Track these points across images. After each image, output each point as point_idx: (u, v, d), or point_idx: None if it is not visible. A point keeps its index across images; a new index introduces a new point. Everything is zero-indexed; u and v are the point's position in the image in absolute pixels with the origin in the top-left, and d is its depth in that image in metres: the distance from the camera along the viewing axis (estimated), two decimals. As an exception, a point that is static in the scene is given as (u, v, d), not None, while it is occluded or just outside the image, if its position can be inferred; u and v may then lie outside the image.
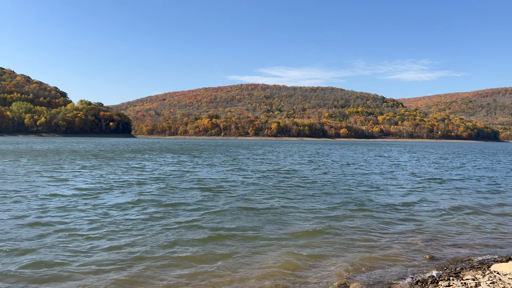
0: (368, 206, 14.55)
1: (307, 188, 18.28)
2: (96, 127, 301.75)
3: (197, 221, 10.93)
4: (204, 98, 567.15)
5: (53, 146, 65.68)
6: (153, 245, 8.87)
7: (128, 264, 7.77)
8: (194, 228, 10.19)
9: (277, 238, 9.96)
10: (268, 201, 14.48)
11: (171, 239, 9.27)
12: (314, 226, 11.26)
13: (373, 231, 11.09)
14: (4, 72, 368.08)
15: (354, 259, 8.82)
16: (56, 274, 7.09)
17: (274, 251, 8.97)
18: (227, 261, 8.19)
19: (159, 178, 20.62)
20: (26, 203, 12.87)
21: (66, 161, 31.09)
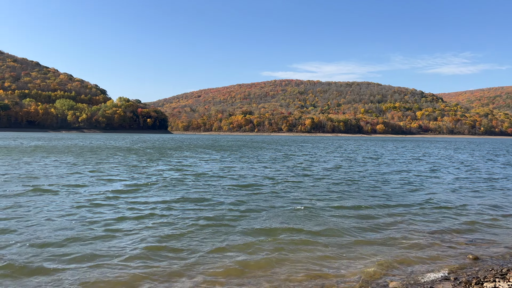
0: (411, 204, 14.22)
1: (348, 186, 18.02)
2: (134, 123, 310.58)
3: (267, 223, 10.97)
4: (238, 94, 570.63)
5: (102, 142, 68.07)
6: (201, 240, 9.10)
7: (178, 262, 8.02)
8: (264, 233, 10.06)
9: (316, 233, 9.95)
10: (310, 198, 14.44)
11: (220, 240, 9.40)
12: (354, 224, 11.16)
13: (415, 230, 10.85)
14: (49, 70, 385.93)
15: (395, 257, 8.67)
16: (104, 269, 7.41)
17: (311, 251, 8.96)
18: (271, 258, 8.31)
19: (208, 176, 20.89)
20: (83, 199, 13.47)
21: (115, 158, 32.15)
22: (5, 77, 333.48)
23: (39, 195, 13.41)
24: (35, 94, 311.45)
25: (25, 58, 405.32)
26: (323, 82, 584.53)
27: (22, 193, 13.79)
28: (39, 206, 11.60)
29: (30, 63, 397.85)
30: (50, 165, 23.52)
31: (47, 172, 20.12)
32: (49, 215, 10.66)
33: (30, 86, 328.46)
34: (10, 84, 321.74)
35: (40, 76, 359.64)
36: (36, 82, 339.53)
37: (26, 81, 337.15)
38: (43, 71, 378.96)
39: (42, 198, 12.91)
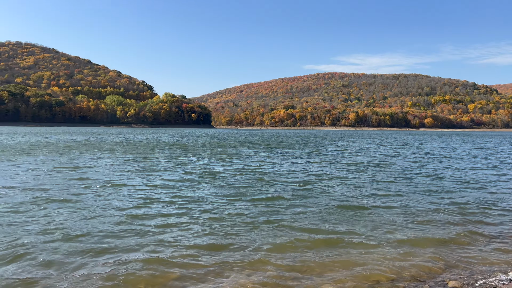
0: (470, 203, 13.30)
1: (404, 184, 17.17)
2: (179, 118, 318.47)
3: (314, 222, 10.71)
4: (280, 88, 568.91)
5: (154, 138, 70.11)
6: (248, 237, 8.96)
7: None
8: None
9: (372, 229, 9.51)
10: (367, 199, 13.87)
11: (274, 238, 9.19)
12: (409, 221, 10.57)
13: (475, 230, 10.07)
14: (99, 68, 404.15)
15: (454, 256, 8.08)
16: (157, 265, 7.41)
17: (366, 248, 8.54)
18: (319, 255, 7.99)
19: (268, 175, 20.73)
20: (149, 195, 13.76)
21: (172, 154, 32.75)
22: (60, 75, 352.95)
23: (94, 190, 13.81)
24: (87, 91, 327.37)
25: (77, 57, 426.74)
26: (368, 74, 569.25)
27: (74, 187, 14.29)
28: (92, 201, 11.92)
29: (82, 61, 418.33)
30: (111, 162, 24.21)
31: (103, 168, 20.84)
32: (101, 209, 10.92)
33: (82, 83, 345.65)
34: (65, 82, 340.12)
35: (92, 73, 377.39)
36: (87, 79, 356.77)
37: (79, 78, 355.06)
38: (94, 68, 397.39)
39: (95, 193, 13.29)
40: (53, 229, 8.68)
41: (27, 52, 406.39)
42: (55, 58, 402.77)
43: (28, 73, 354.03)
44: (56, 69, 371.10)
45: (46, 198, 11.85)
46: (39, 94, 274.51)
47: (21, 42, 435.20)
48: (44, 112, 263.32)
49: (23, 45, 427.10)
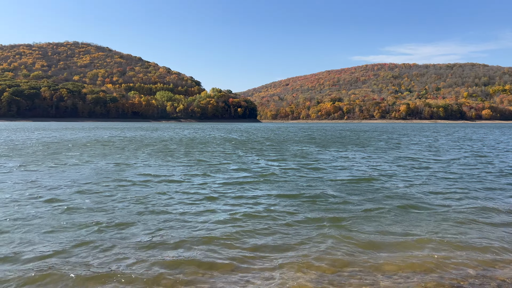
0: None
1: (473, 181, 16.04)
2: (226, 113, 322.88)
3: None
4: (327, 81, 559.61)
5: (208, 134, 71.23)
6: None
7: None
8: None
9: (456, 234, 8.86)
10: (438, 195, 13.09)
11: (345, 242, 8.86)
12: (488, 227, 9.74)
13: None
14: (150, 65, 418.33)
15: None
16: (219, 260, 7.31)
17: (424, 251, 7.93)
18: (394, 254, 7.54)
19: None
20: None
21: (228, 149, 32.93)
22: (113, 72, 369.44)
23: (148, 185, 14.04)
24: (138, 87, 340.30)
25: (129, 54, 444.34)
26: (419, 64, 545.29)
27: (135, 184, 14.61)
28: (152, 196, 12.10)
29: (134, 58, 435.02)
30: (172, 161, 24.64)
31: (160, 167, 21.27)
32: (152, 204, 11.03)
33: (134, 79, 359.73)
34: (118, 79, 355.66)
35: (143, 70, 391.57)
36: (139, 76, 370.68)
37: (131, 75, 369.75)
38: (145, 65, 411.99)
39: (156, 188, 13.49)
40: (122, 223, 8.81)
41: (83, 51, 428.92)
42: (109, 56, 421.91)
43: (85, 71, 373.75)
44: (109, 66, 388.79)
45: (106, 195, 12.18)
46: (95, 91, 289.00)
47: (78, 42, 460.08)
48: (99, 108, 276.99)
49: (79, 45, 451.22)
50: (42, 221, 8.78)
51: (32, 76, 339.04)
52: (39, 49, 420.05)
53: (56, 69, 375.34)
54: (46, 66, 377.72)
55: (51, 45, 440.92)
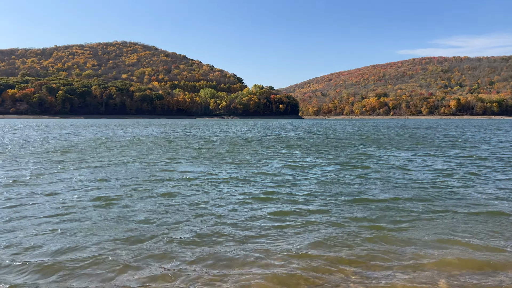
0: None
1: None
2: (267, 109, 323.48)
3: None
4: (372, 76, 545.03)
5: (262, 131, 71.29)
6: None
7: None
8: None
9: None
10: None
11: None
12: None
13: None
14: (194, 63, 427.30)
15: None
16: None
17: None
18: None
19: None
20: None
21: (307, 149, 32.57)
22: (159, 71, 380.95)
23: (213, 185, 14.06)
24: (183, 85, 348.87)
25: (174, 53, 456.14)
26: (471, 58, 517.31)
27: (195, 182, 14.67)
28: (212, 196, 12.07)
29: (179, 56, 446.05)
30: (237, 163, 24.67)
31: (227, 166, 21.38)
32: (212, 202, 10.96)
33: (178, 77, 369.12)
34: (163, 77, 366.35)
35: (187, 68, 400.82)
36: (183, 74, 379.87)
37: (176, 73, 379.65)
38: (189, 63, 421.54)
39: (215, 187, 13.49)
40: (198, 217, 8.78)
41: (131, 50, 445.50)
42: (155, 55, 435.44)
43: (132, 69, 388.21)
44: (155, 65, 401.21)
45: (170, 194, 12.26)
46: (142, 89, 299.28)
47: (126, 41, 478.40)
48: (146, 105, 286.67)
49: (127, 44, 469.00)
50: (96, 219, 8.93)
51: (84, 75, 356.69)
52: (90, 49, 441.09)
53: (105, 68, 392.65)
54: (97, 65, 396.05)
55: (101, 45, 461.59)
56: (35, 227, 8.54)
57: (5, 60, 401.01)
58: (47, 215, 9.44)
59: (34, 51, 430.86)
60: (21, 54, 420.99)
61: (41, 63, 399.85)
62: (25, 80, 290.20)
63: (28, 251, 7.23)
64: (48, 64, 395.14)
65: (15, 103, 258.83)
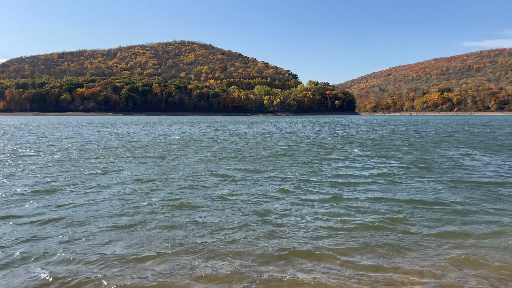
0: None
1: None
2: (322, 105, 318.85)
3: None
4: (434, 70, 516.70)
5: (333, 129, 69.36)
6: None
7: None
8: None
9: None
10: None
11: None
12: None
13: None
14: (249, 60, 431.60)
15: None
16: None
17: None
18: None
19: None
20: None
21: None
22: (215, 69, 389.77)
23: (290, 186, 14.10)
24: (238, 82, 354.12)
25: (230, 50, 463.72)
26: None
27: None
28: (289, 196, 12.09)
29: (234, 54, 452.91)
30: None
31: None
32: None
33: (234, 75, 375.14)
34: (219, 74, 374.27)
35: (242, 65, 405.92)
36: (239, 71, 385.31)
37: (231, 71, 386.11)
38: (244, 61, 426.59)
39: (294, 187, 13.50)
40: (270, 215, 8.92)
41: (189, 49, 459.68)
42: (212, 53, 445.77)
43: (190, 68, 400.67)
44: (212, 63, 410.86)
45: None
46: (199, 86, 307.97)
47: (184, 40, 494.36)
48: (203, 103, 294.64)
49: (186, 43, 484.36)
50: (152, 214, 9.31)
51: (145, 74, 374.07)
52: (151, 49, 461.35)
53: (165, 67, 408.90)
54: (157, 64, 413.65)
55: (161, 44, 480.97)
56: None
57: (75, 61, 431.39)
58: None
59: (101, 52, 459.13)
60: (89, 55, 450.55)
61: (107, 63, 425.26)
62: (92, 79, 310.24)
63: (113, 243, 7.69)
64: (112, 64, 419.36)
65: (83, 101, 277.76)
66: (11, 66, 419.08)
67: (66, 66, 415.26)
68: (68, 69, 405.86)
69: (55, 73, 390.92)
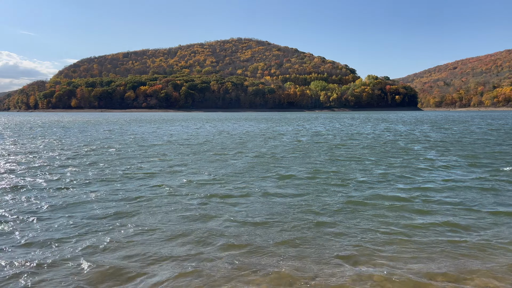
0: None
1: None
2: (382, 101, 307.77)
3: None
4: (506, 62, 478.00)
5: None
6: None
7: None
8: None
9: None
10: None
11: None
12: None
13: None
14: (305, 55, 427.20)
15: None
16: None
17: None
18: None
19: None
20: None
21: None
22: (271, 65, 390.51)
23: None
24: (294, 78, 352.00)
25: (286, 46, 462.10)
26: None
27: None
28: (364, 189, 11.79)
29: (290, 50, 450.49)
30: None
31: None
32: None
33: (290, 71, 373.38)
34: (275, 71, 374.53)
35: (298, 61, 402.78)
36: (294, 67, 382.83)
37: (287, 67, 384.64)
38: (300, 56, 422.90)
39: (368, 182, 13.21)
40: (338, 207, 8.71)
41: (245, 47, 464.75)
42: (268, 49, 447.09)
43: (246, 65, 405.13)
44: (268, 59, 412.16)
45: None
46: (255, 83, 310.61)
47: (241, 38, 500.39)
48: (258, 99, 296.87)
49: (242, 41, 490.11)
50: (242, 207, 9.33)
51: (204, 71, 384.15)
52: (209, 47, 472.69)
53: (222, 64, 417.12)
54: (215, 62, 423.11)
55: (219, 42, 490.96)
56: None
57: (138, 60, 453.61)
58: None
59: (162, 51, 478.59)
60: (151, 54, 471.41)
61: (168, 61, 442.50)
62: (154, 77, 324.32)
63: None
64: (173, 62, 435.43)
65: (146, 99, 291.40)
66: (81, 66, 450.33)
67: (130, 65, 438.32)
68: (132, 68, 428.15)
69: (121, 72, 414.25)
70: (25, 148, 24.12)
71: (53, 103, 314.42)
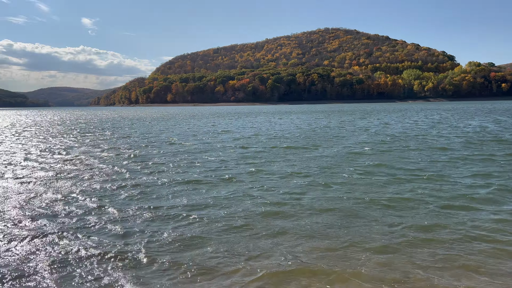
0: None
1: None
2: (485, 89, 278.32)
3: None
4: None
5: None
6: None
7: None
8: None
9: None
10: None
11: None
12: None
13: None
14: (397, 43, 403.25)
15: None
16: None
17: None
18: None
19: None
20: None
21: None
22: (360, 54, 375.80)
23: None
24: (384, 67, 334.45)
25: (376, 34, 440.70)
26: None
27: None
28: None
29: (381, 38, 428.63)
30: None
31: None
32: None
33: (380, 60, 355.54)
34: (364, 60, 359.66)
35: (389, 49, 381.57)
36: (385, 56, 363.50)
37: (377, 55, 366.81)
38: (392, 44, 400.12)
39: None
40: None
41: (333, 37, 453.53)
42: (356, 38, 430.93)
43: (333, 55, 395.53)
44: (356, 49, 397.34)
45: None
46: (342, 74, 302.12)
47: (328, 28, 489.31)
48: (345, 90, 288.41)
49: (329, 31, 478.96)
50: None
51: (290, 64, 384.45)
52: (296, 39, 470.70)
53: (308, 56, 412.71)
54: (301, 54, 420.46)
55: (305, 34, 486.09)
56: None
57: (227, 55, 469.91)
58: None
59: (249, 46, 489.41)
60: (239, 49, 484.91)
61: (255, 55, 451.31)
62: (242, 72, 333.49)
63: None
64: (260, 56, 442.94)
65: (234, 92, 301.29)
66: (176, 63, 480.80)
67: (219, 61, 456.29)
68: (221, 63, 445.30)
69: (211, 67, 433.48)
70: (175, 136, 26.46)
71: (151, 98, 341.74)
